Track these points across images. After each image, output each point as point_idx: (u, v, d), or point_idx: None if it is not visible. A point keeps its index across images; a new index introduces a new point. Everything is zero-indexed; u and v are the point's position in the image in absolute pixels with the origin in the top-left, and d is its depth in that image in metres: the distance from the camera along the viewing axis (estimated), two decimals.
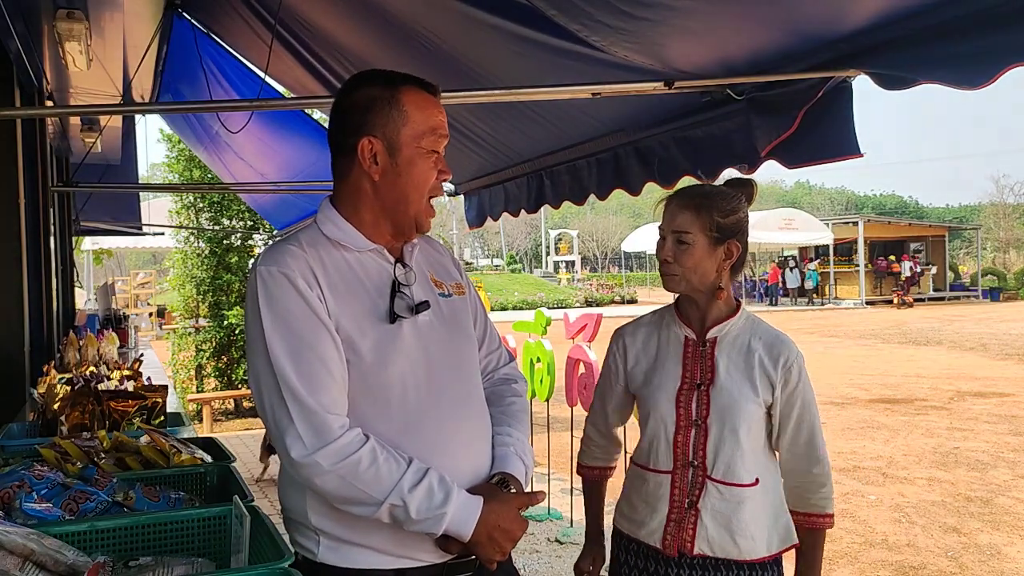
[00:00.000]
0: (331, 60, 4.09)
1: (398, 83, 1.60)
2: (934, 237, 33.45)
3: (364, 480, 1.44)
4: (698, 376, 1.90)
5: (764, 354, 1.89)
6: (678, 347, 1.94)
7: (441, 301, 1.66)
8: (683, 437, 1.88)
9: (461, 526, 1.48)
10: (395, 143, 1.56)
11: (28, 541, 1.31)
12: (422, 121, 1.58)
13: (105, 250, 17.29)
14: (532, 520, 5.57)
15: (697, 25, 2.18)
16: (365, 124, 1.57)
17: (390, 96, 1.58)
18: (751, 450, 1.87)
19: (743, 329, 1.93)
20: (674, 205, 1.91)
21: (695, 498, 1.87)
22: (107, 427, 2.48)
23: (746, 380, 1.87)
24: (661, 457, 1.91)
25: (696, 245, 1.85)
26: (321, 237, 1.59)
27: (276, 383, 1.47)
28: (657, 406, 1.91)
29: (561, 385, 5.39)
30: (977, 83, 1.69)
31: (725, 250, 1.88)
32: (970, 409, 9.60)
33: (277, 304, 1.49)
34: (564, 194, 3.86)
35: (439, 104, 1.64)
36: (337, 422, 1.47)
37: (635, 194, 3.35)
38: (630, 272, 48.34)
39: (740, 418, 1.85)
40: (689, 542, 1.87)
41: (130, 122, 7.13)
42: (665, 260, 1.90)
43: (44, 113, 5.36)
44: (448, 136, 1.64)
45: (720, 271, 1.89)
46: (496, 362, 1.82)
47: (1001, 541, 5.20)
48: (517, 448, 1.66)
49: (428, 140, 1.58)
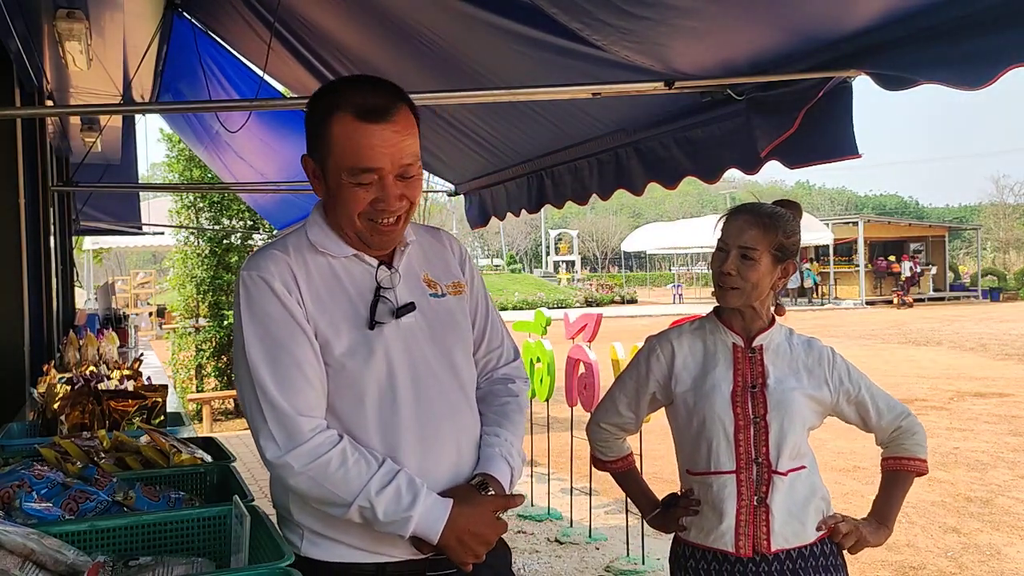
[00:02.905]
0: (330, 59, 4.09)
1: (333, 108, 1.51)
2: (934, 237, 33.47)
3: (333, 481, 1.46)
4: (750, 380, 1.94)
5: (806, 357, 1.99)
6: (727, 352, 1.98)
7: (431, 302, 1.65)
8: (744, 436, 1.92)
9: (428, 529, 1.49)
10: (324, 167, 1.55)
11: (28, 541, 1.31)
12: (344, 156, 1.49)
13: (105, 249, 17.30)
14: (532, 520, 5.57)
15: (698, 25, 2.19)
16: (308, 142, 1.58)
17: (322, 120, 1.53)
18: (804, 439, 1.96)
19: (783, 337, 2.01)
20: (741, 220, 1.93)
21: (763, 495, 1.90)
22: (107, 427, 2.48)
23: (797, 379, 1.95)
24: (723, 458, 1.92)
25: (761, 262, 1.90)
26: (307, 242, 1.60)
27: (253, 386, 1.49)
28: (713, 408, 1.93)
29: (561, 385, 5.39)
30: (977, 83, 1.69)
31: (783, 268, 1.94)
32: (970, 409, 9.60)
33: (256, 308, 1.51)
34: (566, 194, 3.86)
35: (377, 132, 1.48)
36: (309, 424, 1.48)
37: (638, 194, 3.36)
38: (630, 272, 48.42)
39: (797, 412, 1.91)
40: (765, 540, 1.89)
41: (130, 122, 7.13)
42: (728, 273, 1.92)
43: (44, 113, 5.35)
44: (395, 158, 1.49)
45: (774, 288, 1.96)
46: (496, 361, 1.80)
47: (1001, 541, 5.20)
48: (503, 449, 1.65)
49: (352, 173, 1.50)
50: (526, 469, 6.09)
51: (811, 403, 1.95)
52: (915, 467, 2.02)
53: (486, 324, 1.78)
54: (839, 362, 2.02)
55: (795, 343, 2.02)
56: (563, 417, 6.09)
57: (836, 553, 1.98)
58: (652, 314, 25.33)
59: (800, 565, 1.92)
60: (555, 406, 6.06)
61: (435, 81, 3.51)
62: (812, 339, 2.05)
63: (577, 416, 4.71)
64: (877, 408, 2.01)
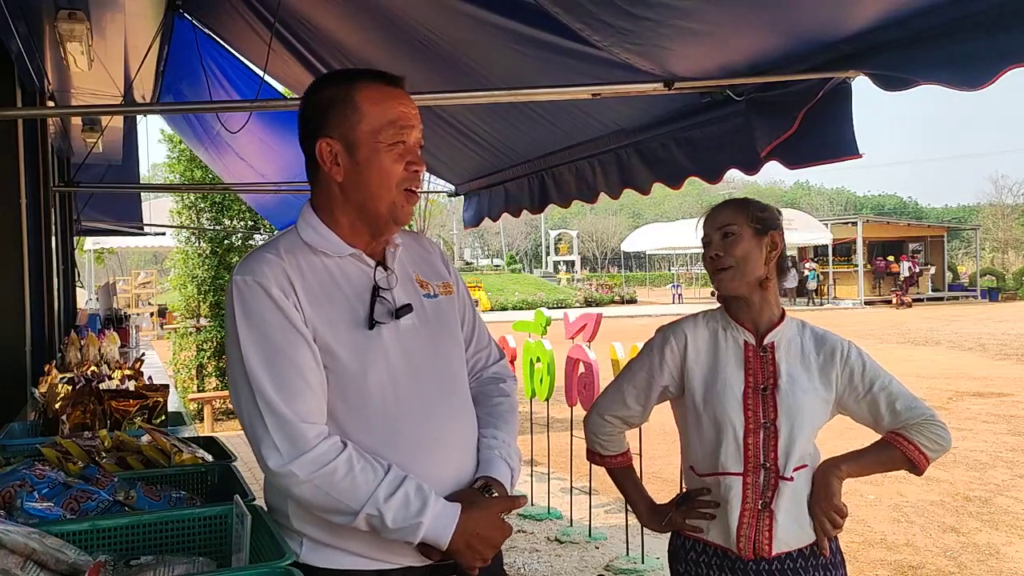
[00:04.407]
0: (331, 59, 4.10)
1: (353, 79, 1.56)
2: (933, 237, 33.47)
3: (340, 490, 1.44)
4: (761, 380, 1.92)
5: (818, 353, 1.96)
6: (738, 351, 1.95)
7: (425, 303, 1.64)
8: (753, 440, 1.89)
9: (438, 535, 1.47)
10: (352, 141, 1.53)
11: (29, 540, 1.31)
12: (378, 115, 1.53)
13: (108, 249, 17.30)
14: (532, 520, 5.58)
15: (698, 26, 2.19)
16: (322, 126, 1.55)
17: (344, 94, 1.54)
18: (812, 440, 1.94)
19: (794, 332, 1.98)
20: (714, 210, 1.99)
21: (768, 500, 1.89)
22: (108, 426, 2.48)
23: (809, 381, 1.92)
24: (730, 460, 1.91)
25: (742, 235, 1.91)
26: (300, 243, 1.57)
27: (252, 393, 1.46)
28: (724, 409, 1.91)
29: (561, 385, 5.39)
30: (977, 84, 1.70)
31: (769, 241, 1.93)
32: (968, 409, 9.60)
33: (252, 314, 1.48)
34: (571, 193, 3.86)
35: (401, 95, 1.57)
36: (313, 431, 1.46)
37: (645, 193, 3.38)
38: (630, 272, 48.41)
39: (807, 417, 1.90)
40: (767, 544, 1.88)
41: (131, 122, 7.13)
42: (716, 255, 1.93)
43: (45, 113, 5.36)
44: (416, 126, 1.57)
45: (768, 263, 1.94)
46: (485, 360, 1.81)
47: (1000, 541, 5.21)
48: (502, 451, 1.65)
49: (387, 134, 1.53)
50: (526, 469, 6.09)
51: (821, 404, 1.92)
52: (913, 454, 1.91)
53: (474, 324, 1.79)
54: (853, 358, 1.95)
55: (807, 337, 1.98)
56: (563, 417, 6.10)
57: (835, 551, 1.97)
58: (652, 314, 25.32)
59: (801, 565, 1.91)
60: (555, 406, 6.06)
61: (435, 81, 3.51)
62: (827, 333, 2.00)
63: (577, 416, 4.70)
64: (893, 409, 1.92)
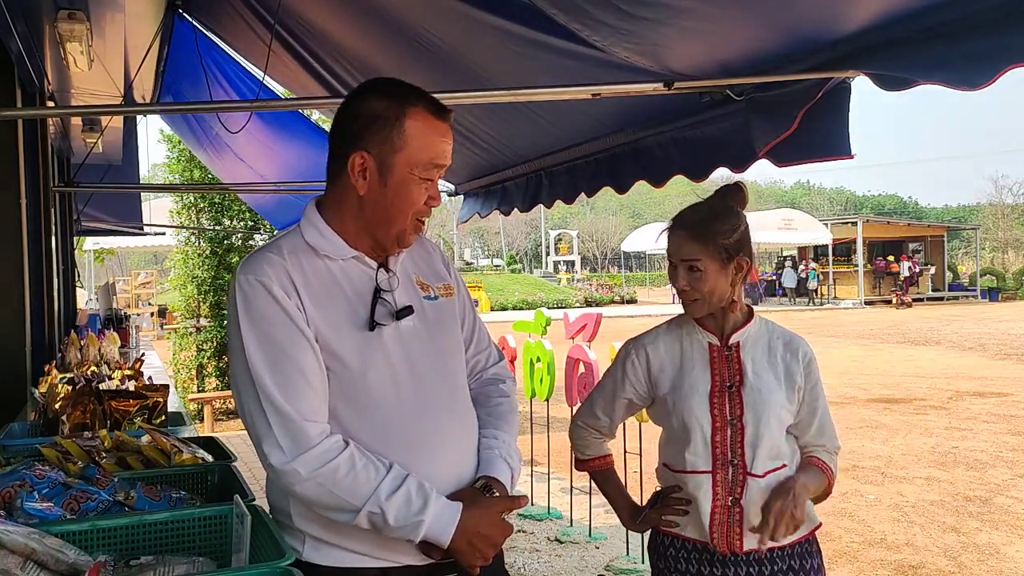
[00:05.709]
0: (330, 60, 4.10)
1: (408, 102, 1.53)
2: (933, 237, 33.49)
3: (342, 487, 1.45)
4: (727, 378, 1.96)
5: (786, 352, 1.99)
6: (703, 352, 1.99)
7: (426, 304, 1.65)
8: (721, 437, 1.93)
9: (439, 533, 1.48)
10: (387, 164, 1.52)
11: (29, 540, 1.31)
12: (421, 149, 1.52)
13: (107, 250, 17.30)
14: (532, 519, 5.57)
15: (697, 25, 2.19)
16: (361, 138, 1.53)
17: (395, 115, 1.51)
18: (781, 439, 1.96)
19: (761, 331, 2.01)
20: (678, 237, 1.95)
21: (738, 495, 1.92)
22: (108, 426, 2.48)
23: (774, 377, 1.96)
24: (700, 459, 1.94)
25: (708, 271, 1.91)
26: (303, 244, 1.57)
27: (255, 391, 1.47)
28: (691, 408, 1.94)
29: (561, 385, 5.39)
30: (977, 84, 1.70)
31: (735, 266, 1.94)
32: (969, 409, 9.60)
33: (255, 313, 1.49)
34: (557, 194, 3.88)
35: (447, 132, 1.56)
36: (315, 429, 1.47)
37: (622, 192, 3.36)
38: (630, 272, 48.40)
39: (773, 414, 1.93)
40: (738, 539, 1.92)
41: (131, 123, 7.13)
42: (683, 289, 1.95)
43: (45, 113, 5.36)
44: (448, 163, 1.57)
45: (734, 285, 1.96)
46: (485, 361, 1.82)
47: (1000, 540, 5.21)
48: (502, 451, 1.66)
49: (423, 168, 1.53)
50: (526, 469, 6.09)
51: (786, 399, 1.96)
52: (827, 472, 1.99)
53: (474, 325, 1.80)
54: (814, 365, 2.02)
55: (776, 337, 2.02)
56: (563, 417, 6.10)
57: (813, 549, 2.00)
58: (652, 314, 25.31)
59: (777, 554, 1.94)
60: (555, 406, 6.06)
61: (435, 82, 3.51)
62: (795, 336, 2.04)
63: None
64: (822, 427, 2.01)
